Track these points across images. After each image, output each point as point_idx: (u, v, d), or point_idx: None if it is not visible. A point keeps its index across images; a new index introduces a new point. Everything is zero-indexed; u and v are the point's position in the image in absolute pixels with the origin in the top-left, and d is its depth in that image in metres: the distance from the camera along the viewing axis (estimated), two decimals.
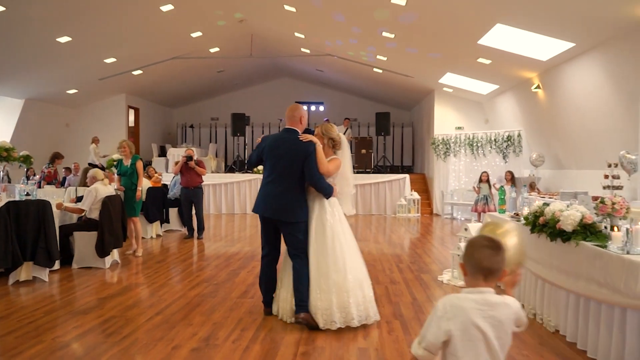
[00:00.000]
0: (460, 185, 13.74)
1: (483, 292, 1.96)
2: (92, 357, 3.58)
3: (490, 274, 1.97)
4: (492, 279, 1.98)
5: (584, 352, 3.68)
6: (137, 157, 8.30)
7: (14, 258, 5.70)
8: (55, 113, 15.71)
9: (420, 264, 7.23)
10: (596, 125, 8.86)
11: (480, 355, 1.91)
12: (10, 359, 3.54)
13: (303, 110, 4.68)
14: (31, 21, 9.61)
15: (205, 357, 3.59)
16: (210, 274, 6.39)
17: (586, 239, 3.87)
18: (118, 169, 8.15)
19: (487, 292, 1.96)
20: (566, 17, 7.31)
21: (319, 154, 4.35)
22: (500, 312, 1.94)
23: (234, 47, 14.57)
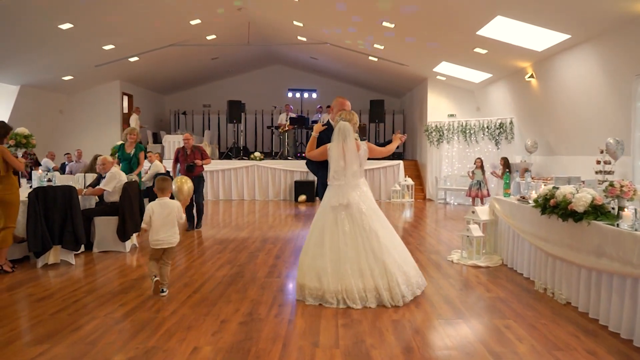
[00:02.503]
0: (454, 171, 14.17)
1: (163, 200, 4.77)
2: (151, 329, 3.85)
3: (161, 190, 4.77)
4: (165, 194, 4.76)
5: (596, 320, 4.08)
6: (141, 147, 8.52)
7: (44, 242, 5.90)
8: (50, 99, 15.66)
9: (426, 245, 7.61)
10: (587, 114, 9.32)
11: None
12: (73, 332, 3.79)
13: (337, 100, 4.99)
14: (33, 8, 9.62)
15: (255, 330, 3.89)
16: (230, 257, 6.66)
17: (597, 218, 4.26)
18: (120, 154, 8.39)
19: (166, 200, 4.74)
20: (564, 10, 7.67)
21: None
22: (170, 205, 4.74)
23: (231, 34, 14.69)
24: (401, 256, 4.67)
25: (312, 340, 3.68)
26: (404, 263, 4.64)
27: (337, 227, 4.60)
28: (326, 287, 4.47)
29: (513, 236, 5.99)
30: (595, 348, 3.55)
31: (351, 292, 4.42)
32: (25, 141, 6.93)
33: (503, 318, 4.20)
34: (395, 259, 4.57)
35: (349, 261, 4.48)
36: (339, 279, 4.47)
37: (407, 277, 4.60)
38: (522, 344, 3.64)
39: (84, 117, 16.58)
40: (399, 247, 4.76)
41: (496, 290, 5.09)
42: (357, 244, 4.54)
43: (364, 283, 4.46)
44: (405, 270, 4.60)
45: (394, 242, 4.72)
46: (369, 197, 4.77)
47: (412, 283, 4.64)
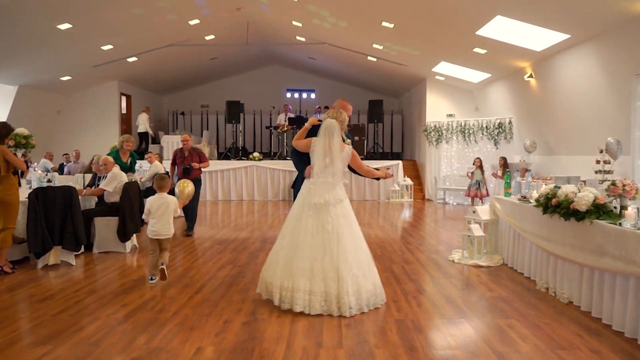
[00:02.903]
0: (452, 171, 14.18)
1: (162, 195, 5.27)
2: (154, 330, 3.83)
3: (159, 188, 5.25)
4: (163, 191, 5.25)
5: (599, 319, 4.08)
6: (135, 155, 8.50)
7: (44, 242, 5.88)
8: (48, 100, 15.61)
9: (427, 245, 7.62)
10: (587, 113, 9.33)
11: None
12: (75, 333, 3.77)
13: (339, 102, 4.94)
14: (32, 8, 9.59)
15: (258, 330, 3.88)
16: (231, 257, 6.65)
17: (599, 217, 4.26)
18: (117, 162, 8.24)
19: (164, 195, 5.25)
20: (564, 10, 7.68)
21: None
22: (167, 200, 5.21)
23: (230, 34, 14.66)
24: (360, 267, 4.35)
25: (316, 340, 3.67)
26: (361, 275, 4.32)
27: (301, 223, 4.45)
28: (274, 281, 4.37)
29: (514, 236, 5.99)
30: (599, 347, 3.55)
31: (296, 291, 4.24)
32: (25, 141, 6.92)
33: (506, 317, 4.20)
34: (351, 268, 4.27)
35: (303, 259, 4.29)
36: (287, 274, 4.31)
37: (358, 289, 4.26)
38: (525, 343, 3.64)
39: (82, 118, 16.53)
40: (362, 257, 4.43)
41: (498, 289, 5.09)
42: (315, 243, 4.33)
43: (311, 285, 4.23)
44: (359, 282, 4.29)
45: (357, 251, 4.41)
46: (342, 199, 4.53)
47: (362, 298, 4.27)
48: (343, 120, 4.61)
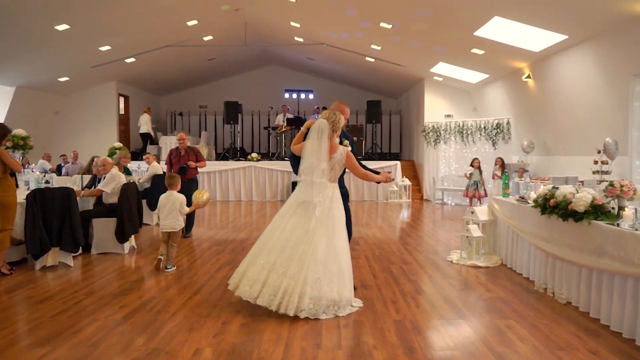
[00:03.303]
0: (451, 171, 14.19)
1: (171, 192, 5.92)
2: (152, 331, 3.83)
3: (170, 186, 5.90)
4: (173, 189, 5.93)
5: (597, 320, 4.09)
6: (128, 170, 8.48)
7: (42, 244, 5.88)
8: (46, 101, 15.58)
9: (425, 245, 7.62)
10: (585, 114, 9.35)
11: None
12: (74, 335, 3.77)
13: (336, 105, 4.90)
14: (30, 9, 9.57)
15: (257, 331, 3.87)
16: (229, 258, 6.65)
17: (597, 218, 4.27)
18: None
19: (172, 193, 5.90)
20: (562, 10, 7.70)
21: None
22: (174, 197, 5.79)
23: (228, 35, 14.65)
24: (327, 273, 4.20)
25: (315, 341, 3.67)
26: (326, 281, 4.18)
27: (284, 219, 4.46)
28: (238, 268, 4.45)
29: (512, 236, 6.00)
30: (597, 347, 3.56)
31: (249, 280, 4.24)
32: (23, 142, 6.91)
33: (504, 318, 4.21)
34: (316, 272, 4.15)
35: (270, 252, 4.29)
36: (249, 264, 4.34)
37: (318, 296, 4.12)
38: (524, 343, 3.64)
39: (80, 119, 16.50)
40: (333, 264, 4.25)
41: (496, 290, 5.10)
42: (288, 240, 4.29)
43: (267, 277, 4.18)
44: (321, 288, 4.14)
45: (328, 256, 4.25)
46: (331, 201, 4.44)
47: (321, 305, 4.13)
48: (335, 121, 4.51)
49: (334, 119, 4.50)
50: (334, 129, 4.50)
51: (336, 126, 4.51)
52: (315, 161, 4.42)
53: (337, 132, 4.58)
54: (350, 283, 4.40)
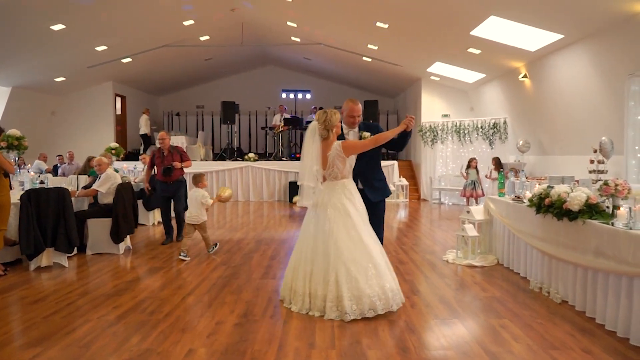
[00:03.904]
0: (448, 171, 14.19)
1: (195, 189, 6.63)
2: (145, 331, 3.81)
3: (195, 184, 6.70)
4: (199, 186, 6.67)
5: (592, 319, 4.08)
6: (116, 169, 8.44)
7: (37, 244, 5.85)
8: (42, 101, 15.55)
9: (422, 245, 7.61)
10: (581, 113, 9.35)
11: None
12: (67, 335, 3.75)
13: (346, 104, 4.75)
14: (26, 9, 9.55)
15: (250, 331, 3.86)
16: (225, 258, 6.63)
17: (592, 217, 4.26)
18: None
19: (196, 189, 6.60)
20: (557, 10, 7.70)
21: None
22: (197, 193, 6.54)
23: (225, 35, 14.65)
24: (360, 270, 4.14)
25: (308, 341, 3.66)
26: (362, 279, 4.11)
27: (308, 227, 4.45)
28: (285, 284, 4.52)
29: (508, 236, 6.00)
30: (592, 347, 3.55)
31: (295, 294, 4.33)
32: (18, 143, 6.87)
33: (499, 317, 4.20)
34: (348, 271, 4.12)
35: (305, 262, 4.31)
36: (293, 277, 4.40)
37: (358, 295, 4.09)
38: (518, 343, 3.63)
39: (76, 119, 16.48)
40: (363, 259, 4.19)
41: (492, 289, 5.09)
42: (316, 246, 4.28)
43: (310, 287, 4.23)
44: (358, 287, 4.09)
45: (356, 253, 4.20)
46: (343, 197, 4.36)
47: (364, 302, 4.08)
48: (327, 120, 4.41)
49: (324, 118, 4.43)
50: (328, 128, 4.40)
51: (329, 124, 4.41)
52: (309, 163, 4.41)
53: (333, 129, 4.47)
54: (390, 274, 4.32)
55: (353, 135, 4.68)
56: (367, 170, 4.68)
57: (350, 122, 4.68)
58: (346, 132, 4.72)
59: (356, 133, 4.68)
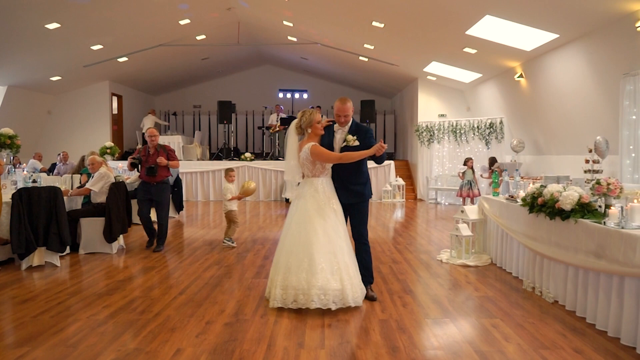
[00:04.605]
0: (444, 171, 14.18)
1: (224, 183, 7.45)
2: (134, 331, 3.79)
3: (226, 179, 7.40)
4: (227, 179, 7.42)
5: (583, 318, 4.07)
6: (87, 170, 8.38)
7: (28, 244, 5.81)
8: (38, 100, 15.50)
9: (416, 245, 7.60)
10: (576, 113, 9.35)
11: None
12: (55, 335, 3.72)
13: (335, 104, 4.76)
14: (20, 8, 9.51)
15: (240, 331, 3.84)
16: (218, 257, 6.60)
17: (584, 216, 4.25)
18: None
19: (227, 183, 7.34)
20: (552, 9, 7.69)
21: None
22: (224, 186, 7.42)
23: (221, 34, 14.61)
24: (294, 263, 4.33)
25: (298, 340, 3.64)
26: (295, 270, 4.30)
27: (288, 219, 4.66)
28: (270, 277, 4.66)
29: (502, 235, 5.98)
30: (582, 346, 3.53)
31: (275, 286, 4.41)
32: (10, 142, 6.84)
33: (491, 317, 4.18)
34: (288, 262, 4.35)
35: (284, 254, 4.45)
36: (274, 272, 4.52)
37: (285, 284, 4.31)
38: (508, 343, 3.61)
39: (73, 118, 16.43)
40: (299, 253, 4.35)
41: (484, 289, 5.07)
42: (292, 238, 4.45)
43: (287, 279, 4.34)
44: (289, 277, 4.31)
45: (295, 246, 4.41)
46: (306, 195, 4.53)
47: (289, 293, 4.29)
48: (303, 120, 4.59)
49: (300, 118, 4.63)
50: (304, 127, 4.59)
51: (304, 124, 4.59)
52: (288, 158, 4.74)
53: (308, 129, 4.59)
54: (334, 275, 4.29)
55: (341, 134, 4.69)
56: (344, 173, 4.66)
57: (339, 122, 4.69)
58: (336, 130, 4.72)
59: (344, 132, 4.67)
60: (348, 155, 4.50)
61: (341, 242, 4.44)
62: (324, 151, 4.51)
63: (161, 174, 7.04)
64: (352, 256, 4.52)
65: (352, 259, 4.49)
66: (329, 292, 4.21)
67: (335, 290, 4.23)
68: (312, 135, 4.58)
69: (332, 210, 4.50)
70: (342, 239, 4.46)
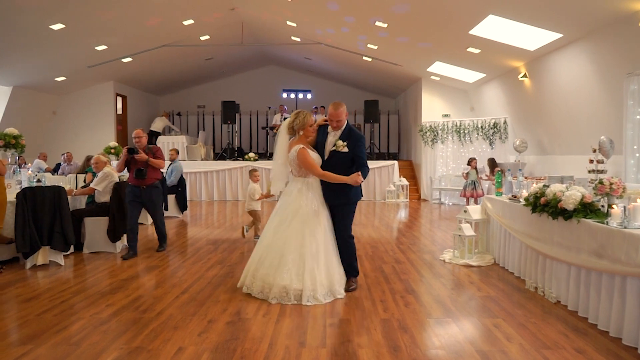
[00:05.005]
0: (448, 171, 14.16)
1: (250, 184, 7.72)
2: (136, 329, 3.81)
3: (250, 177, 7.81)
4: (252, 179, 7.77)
5: (585, 319, 4.06)
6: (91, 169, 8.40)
7: (32, 243, 5.85)
8: (43, 100, 15.58)
9: (419, 245, 7.59)
10: (580, 113, 9.31)
11: None
12: (57, 333, 3.74)
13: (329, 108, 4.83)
14: (25, 9, 9.56)
15: (242, 330, 3.85)
16: (221, 257, 6.62)
17: (586, 216, 4.24)
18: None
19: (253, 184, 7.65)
20: (556, 9, 7.67)
21: None
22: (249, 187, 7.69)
23: (225, 35, 14.64)
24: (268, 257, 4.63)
25: (299, 339, 3.64)
26: (267, 264, 4.61)
27: (273, 213, 4.85)
28: None
29: (504, 235, 5.97)
30: (584, 346, 3.52)
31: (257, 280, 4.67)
32: (15, 142, 6.88)
33: (493, 317, 4.18)
34: (262, 255, 4.67)
35: (263, 246, 4.71)
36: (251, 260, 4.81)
37: (254, 274, 4.69)
38: (510, 342, 3.61)
39: (77, 118, 16.50)
40: (272, 248, 4.62)
41: (487, 289, 5.07)
42: (273, 231, 4.70)
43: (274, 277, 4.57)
44: (260, 270, 4.66)
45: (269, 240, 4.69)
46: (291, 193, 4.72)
47: (256, 284, 4.65)
48: (296, 121, 4.70)
49: (293, 119, 4.73)
50: (296, 128, 4.70)
51: (296, 126, 4.70)
52: (276, 156, 4.90)
53: (300, 131, 4.70)
54: (300, 275, 4.50)
55: (333, 137, 4.80)
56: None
57: (331, 126, 4.79)
58: (330, 131, 4.86)
59: (336, 136, 4.77)
60: (328, 175, 4.63)
61: (317, 244, 4.59)
62: (310, 161, 4.62)
63: (151, 176, 6.64)
64: (328, 258, 4.65)
65: (327, 261, 4.63)
66: (290, 292, 4.45)
67: (297, 290, 4.47)
68: (302, 138, 4.69)
69: (313, 211, 4.65)
70: (319, 241, 4.61)
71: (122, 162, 6.63)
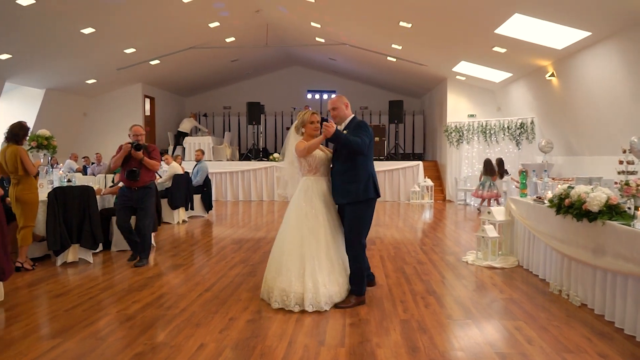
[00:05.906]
0: (474, 172, 13.99)
1: None
2: (161, 325, 3.91)
3: None
4: None
5: (611, 322, 3.98)
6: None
7: (63, 241, 6.05)
8: (74, 102, 16.04)
9: (442, 246, 7.54)
10: (610, 113, 9.09)
11: None
12: (85, 328, 3.87)
13: None
14: (58, 14, 9.88)
15: (262, 328, 3.91)
16: (244, 256, 6.72)
17: (612, 218, 4.15)
18: None
19: None
20: (584, 7, 7.51)
21: None
22: None
23: (250, 36, 14.81)
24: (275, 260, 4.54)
25: (319, 338, 3.68)
26: (272, 269, 4.52)
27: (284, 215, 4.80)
28: None
29: (529, 237, 5.89)
30: (608, 351, 3.46)
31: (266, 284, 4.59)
32: (47, 142, 7.09)
33: (514, 319, 4.14)
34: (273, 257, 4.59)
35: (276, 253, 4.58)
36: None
37: (266, 277, 4.61)
38: (531, 345, 3.57)
39: (107, 120, 16.91)
40: (275, 251, 4.59)
41: (509, 291, 5.01)
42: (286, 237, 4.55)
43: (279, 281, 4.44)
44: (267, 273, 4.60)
45: (278, 243, 4.61)
46: (298, 193, 4.62)
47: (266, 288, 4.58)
48: (299, 121, 4.69)
49: (302, 118, 4.70)
50: (298, 127, 4.70)
51: (299, 124, 4.70)
52: (285, 158, 4.90)
53: (303, 129, 4.66)
54: (299, 279, 4.30)
55: None
56: (336, 170, 4.57)
57: (332, 115, 4.74)
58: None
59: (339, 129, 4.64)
60: (311, 142, 4.50)
61: (317, 244, 4.36)
62: (301, 146, 4.52)
63: (144, 177, 6.18)
64: (332, 259, 4.40)
65: (329, 262, 4.38)
66: (291, 295, 4.27)
67: (298, 293, 4.28)
68: (306, 136, 4.66)
69: (312, 210, 4.45)
70: (320, 242, 4.37)
71: (121, 157, 6.09)
